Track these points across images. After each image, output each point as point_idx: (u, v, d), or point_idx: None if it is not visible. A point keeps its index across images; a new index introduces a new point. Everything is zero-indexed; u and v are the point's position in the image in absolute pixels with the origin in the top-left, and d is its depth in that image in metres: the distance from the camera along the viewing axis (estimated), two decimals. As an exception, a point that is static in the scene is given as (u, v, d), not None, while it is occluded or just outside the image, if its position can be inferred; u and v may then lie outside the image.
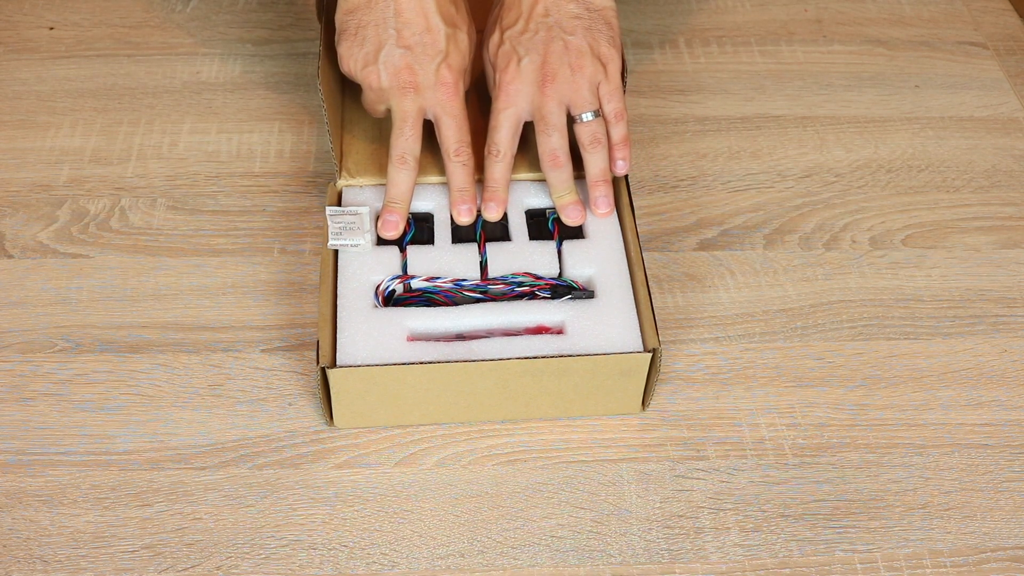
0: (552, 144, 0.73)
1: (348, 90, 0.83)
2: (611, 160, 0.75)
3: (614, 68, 0.74)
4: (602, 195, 0.74)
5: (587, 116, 0.73)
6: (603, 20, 0.74)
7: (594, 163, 0.74)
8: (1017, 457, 0.69)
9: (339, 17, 0.74)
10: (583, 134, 0.73)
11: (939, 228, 0.82)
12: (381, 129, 0.79)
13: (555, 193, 0.74)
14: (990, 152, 0.88)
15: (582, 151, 0.74)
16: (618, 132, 0.74)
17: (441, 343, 0.67)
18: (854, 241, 0.81)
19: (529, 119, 0.74)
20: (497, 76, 0.73)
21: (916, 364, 0.73)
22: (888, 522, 0.65)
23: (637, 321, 0.69)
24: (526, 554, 0.63)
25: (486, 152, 0.74)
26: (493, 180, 0.74)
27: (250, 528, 0.64)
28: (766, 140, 0.88)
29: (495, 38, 0.74)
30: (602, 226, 0.74)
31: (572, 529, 0.65)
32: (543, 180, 0.77)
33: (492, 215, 0.74)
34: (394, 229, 0.72)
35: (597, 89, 0.73)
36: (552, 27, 0.72)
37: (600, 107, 0.73)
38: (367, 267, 0.71)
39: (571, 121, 0.74)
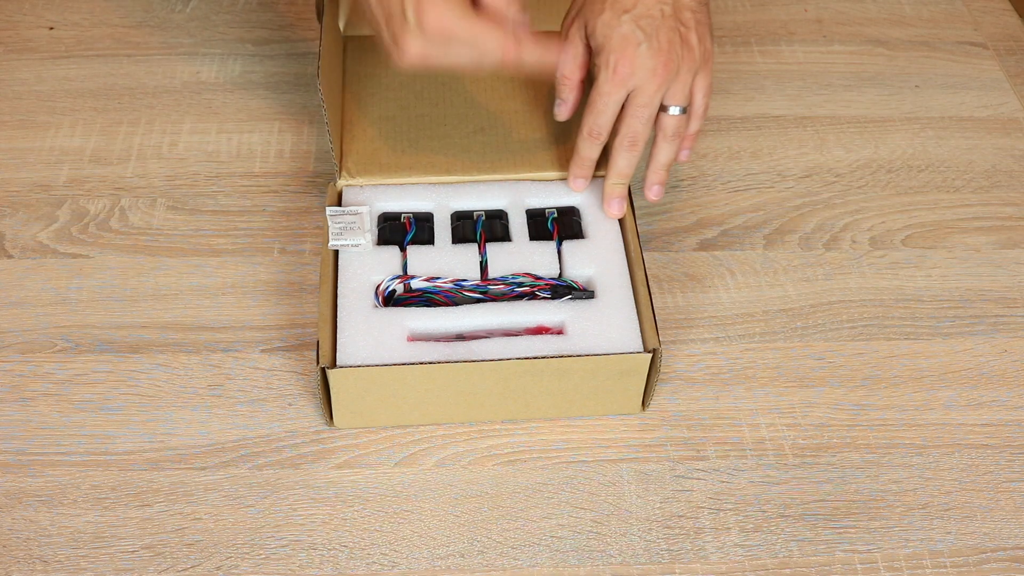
0: (638, 128, 0.73)
1: (348, 90, 0.83)
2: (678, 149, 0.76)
3: (712, 63, 0.74)
4: (659, 183, 0.76)
5: (676, 110, 0.73)
6: (707, 13, 0.74)
7: (665, 152, 0.75)
8: (1017, 457, 0.69)
9: None
10: (668, 125, 0.74)
11: (939, 228, 0.82)
12: (381, 129, 0.80)
13: (615, 179, 0.75)
14: (990, 152, 0.88)
15: (660, 139, 0.74)
16: (698, 125, 0.75)
17: (441, 343, 0.67)
18: (854, 241, 0.81)
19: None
20: (611, 57, 0.71)
21: (916, 364, 0.73)
22: (888, 522, 0.65)
23: (637, 321, 0.69)
24: (526, 554, 0.63)
25: (586, 133, 0.74)
26: (589, 160, 0.75)
27: (250, 528, 0.64)
28: (766, 140, 0.88)
29: (606, 18, 0.72)
30: (602, 226, 0.74)
31: (572, 529, 0.65)
32: (543, 180, 0.77)
33: (580, 188, 0.76)
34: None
35: (692, 83, 0.74)
36: (669, 16, 0.72)
37: (691, 100, 0.74)
38: (367, 267, 0.71)
39: None
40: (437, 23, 0.65)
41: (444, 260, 0.72)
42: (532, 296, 0.71)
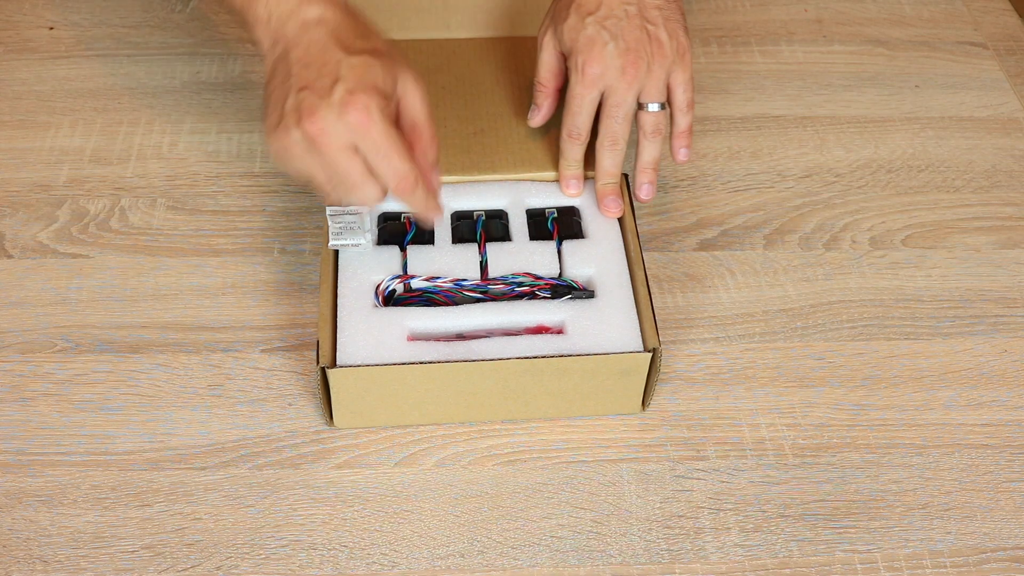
0: (616, 128, 0.74)
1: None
2: (673, 148, 0.76)
3: (689, 57, 0.75)
4: (648, 182, 0.76)
5: (654, 107, 0.74)
6: (678, 9, 0.75)
7: (649, 151, 0.76)
8: (1017, 457, 0.69)
9: (265, 106, 0.67)
10: (647, 123, 0.75)
11: (939, 228, 0.82)
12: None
13: (604, 179, 0.75)
14: (990, 152, 0.88)
15: (641, 138, 0.75)
16: (687, 121, 0.76)
17: (441, 343, 0.67)
18: (854, 241, 0.81)
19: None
20: (579, 59, 0.73)
21: (916, 364, 0.73)
22: (888, 522, 0.65)
23: (637, 321, 0.69)
24: (526, 554, 0.63)
25: (566, 135, 0.75)
26: (575, 160, 0.76)
27: (250, 528, 0.64)
28: (766, 140, 0.88)
29: (572, 22, 0.73)
30: (602, 226, 0.74)
31: (572, 529, 0.65)
32: (543, 180, 0.77)
33: (574, 191, 0.76)
34: None
35: (668, 79, 0.74)
36: (634, 16, 0.73)
37: (670, 96, 0.75)
38: (367, 267, 0.71)
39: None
40: (363, 113, 0.62)
41: (444, 260, 0.72)
42: (532, 296, 0.71)
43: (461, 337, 0.68)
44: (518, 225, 0.74)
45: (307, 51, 0.65)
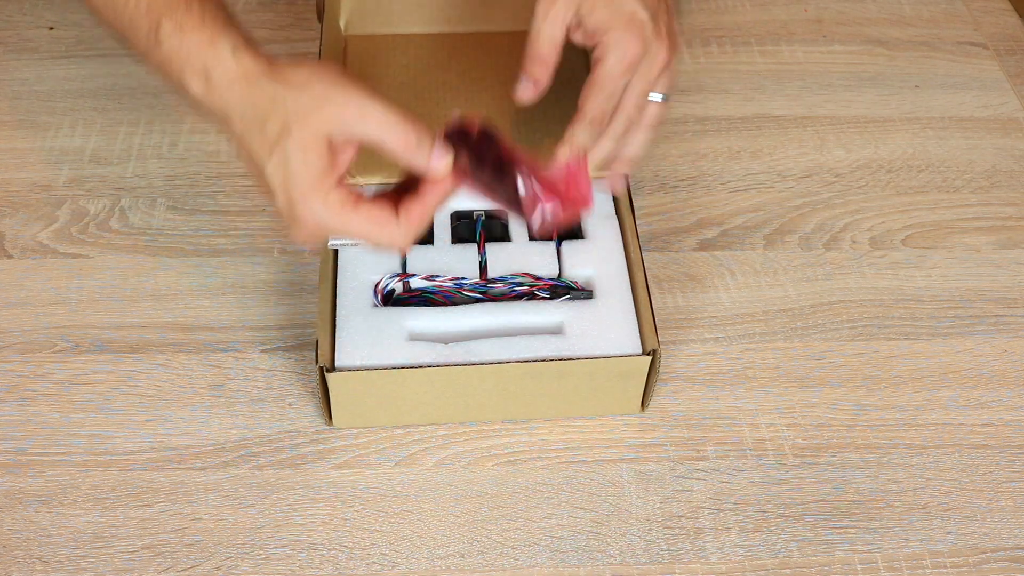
0: (632, 113, 0.69)
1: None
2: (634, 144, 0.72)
3: (676, 50, 0.71)
4: (627, 174, 0.72)
5: (658, 96, 0.70)
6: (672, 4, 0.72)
7: (642, 144, 0.71)
8: (1017, 457, 0.69)
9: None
10: (654, 114, 0.70)
11: (939, 228, 0.82)
12: (381, 129, 0.79)
13: (626, 167, 0.72)
14: (990, 152, 0.88)
15: (642, 128, 0.70)
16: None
17: (439, 344, 0.67)
18: (854, 241, 0.81)
19: None
20: (622, 39, 0.66)
21: (916, 364, 0.73)
22: (888, 522, 0.65)
23: (636, 322, 0.69)
24: (526, 554, 0.63)
25: (589, 120, 0.68)
26: (585, 151, 0.68)
27: (250, 528, 0.64)
28: (766, 140, 0.88)
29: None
30: (602, 227, 0.74)
31: (572, 529, 0.65)
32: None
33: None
34: None
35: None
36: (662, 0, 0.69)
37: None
38: (367, 267, 0.71)
39: None
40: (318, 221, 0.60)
41: (444, 260, 0.72)
42: (531, 296, 0.71)
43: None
44: (518, 225, 0.74)
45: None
